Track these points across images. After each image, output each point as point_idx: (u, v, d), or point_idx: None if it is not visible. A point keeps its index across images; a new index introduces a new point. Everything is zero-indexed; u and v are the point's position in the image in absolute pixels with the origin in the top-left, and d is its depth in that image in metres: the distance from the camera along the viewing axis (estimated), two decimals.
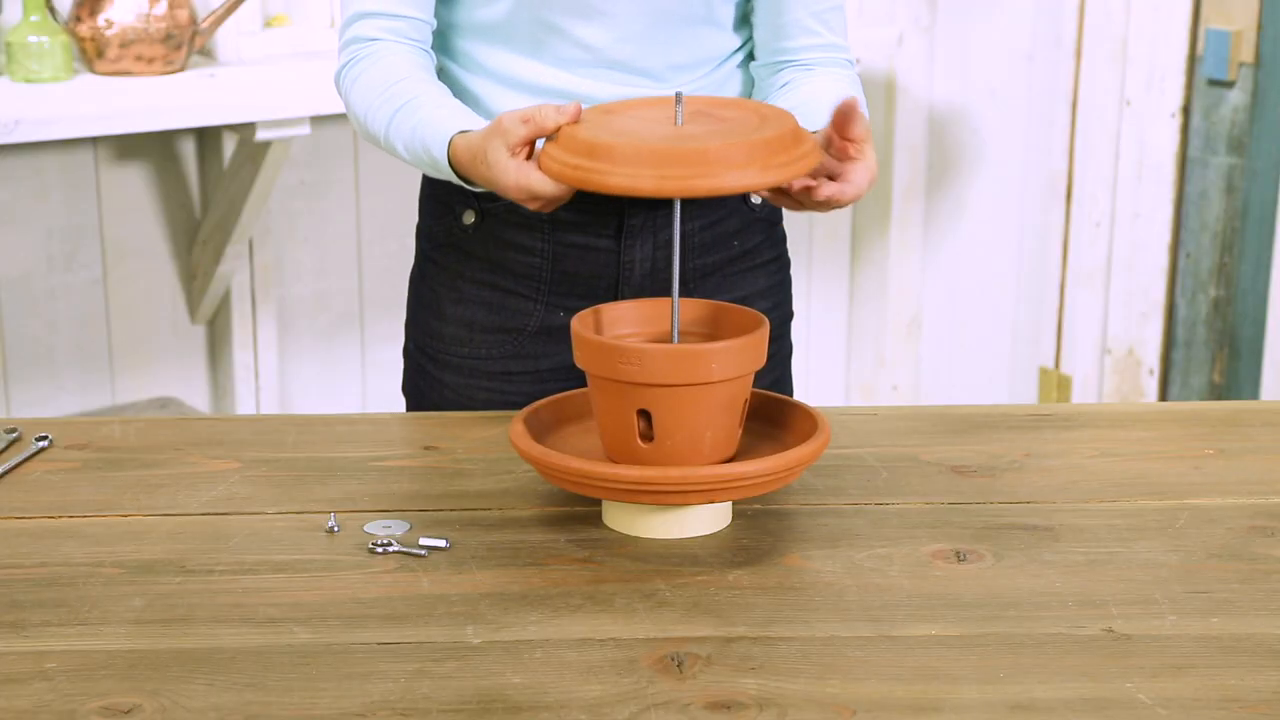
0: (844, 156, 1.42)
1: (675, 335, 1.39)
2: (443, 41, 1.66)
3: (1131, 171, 3.38)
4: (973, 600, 1.26)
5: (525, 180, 1.40)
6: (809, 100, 1.59)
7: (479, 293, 1.70)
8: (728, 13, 1.65)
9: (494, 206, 1.66)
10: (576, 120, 1.36)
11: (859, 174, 1.42)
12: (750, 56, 1.70)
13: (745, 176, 1.30)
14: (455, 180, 1.52)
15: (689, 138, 1.32)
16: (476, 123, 1.51)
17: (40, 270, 2.93)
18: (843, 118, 1.40)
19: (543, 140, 1.40)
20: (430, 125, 1.52)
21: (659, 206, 1.65)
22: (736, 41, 1.68)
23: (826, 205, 1.42)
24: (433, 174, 1.56)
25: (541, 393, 1.60)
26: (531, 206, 1.43)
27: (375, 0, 1.60)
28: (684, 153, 1.29)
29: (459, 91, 1.65)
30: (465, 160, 1.48)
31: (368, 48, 1.60)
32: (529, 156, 1.41)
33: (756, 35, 1.68)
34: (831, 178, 1.43)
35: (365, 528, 1.37)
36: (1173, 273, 3.39)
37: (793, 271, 1.81)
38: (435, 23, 1.64)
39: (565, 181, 1.35)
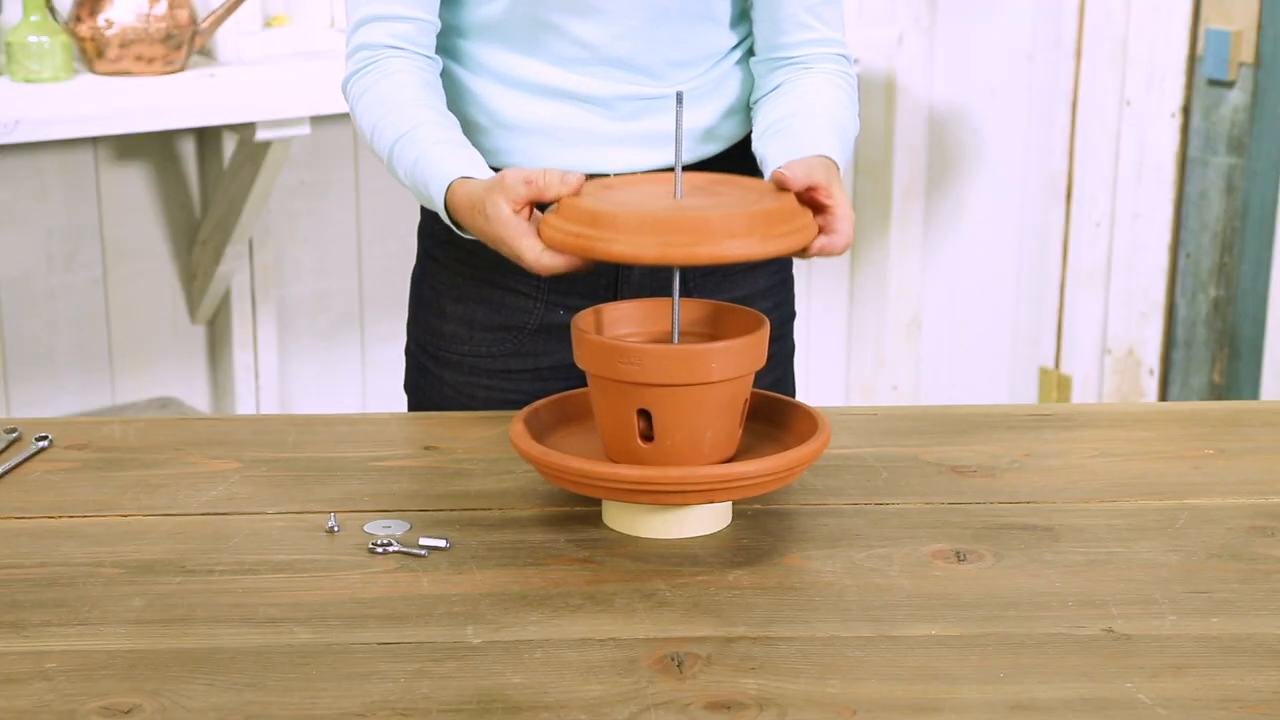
0: (818, 208, 1.42)
1: (675, 335, 1.39)
2: (443, 41, 1.66)
3: (1131, 171, 3.38)
4: (973, 600, 1.26)
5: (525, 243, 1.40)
6: (796, 114, 1.59)
7: (479, 290, 1.70)
8: (726, 8, 1.65)
9: None
10: (578, 192, 1.37)
11: (842, 224, 1.42)
12: (750, 52, 1.70)
13: (747, 246, 1.32)
14: (447, 221, 1.52)
15: (691, 208, 1.33)
16: (477, 167, 1.51)
17: (40, 270, 2.93)
18: (779, 186, 1.40)
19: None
20: (429, 163, 1.51)
21: None
22: (735, 38, 1.68)
23: (818, 254, 1.43)
24: (428, 207, 1.56)
25: (541, 391, 1.60)
26: (525, 267, 1.43)
27: (381, 4, 1.60)
28: (687, 221, 1.31)
29: (460, 91, 1.65)
30: (463, 207, 1.48)
31: (376, 56, 1.60)
32: (528, 217, 1.41)
33: (755, 31, 1.68)
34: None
35: (365, 528, 1.37)
36: (1173, 273, 3.39)
37: (793, 271, 1.81)
38: (440, 24, 1.63)
39: (567, 250, 1.36)
